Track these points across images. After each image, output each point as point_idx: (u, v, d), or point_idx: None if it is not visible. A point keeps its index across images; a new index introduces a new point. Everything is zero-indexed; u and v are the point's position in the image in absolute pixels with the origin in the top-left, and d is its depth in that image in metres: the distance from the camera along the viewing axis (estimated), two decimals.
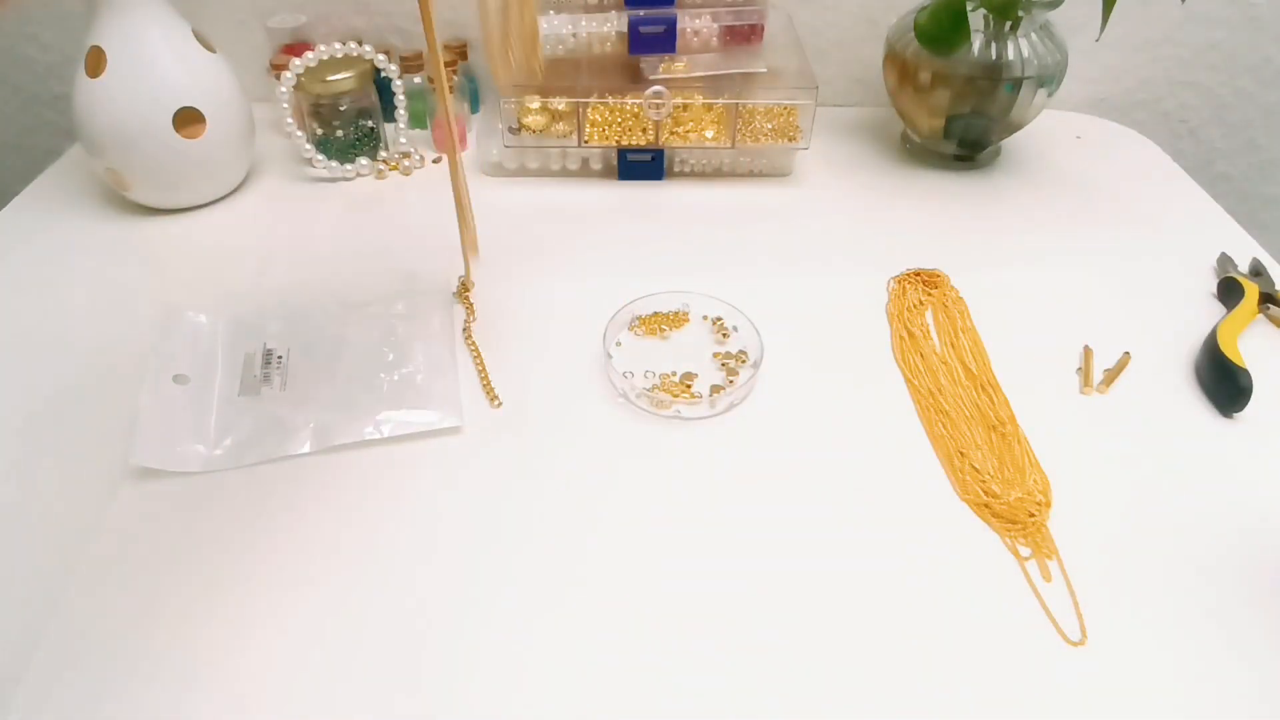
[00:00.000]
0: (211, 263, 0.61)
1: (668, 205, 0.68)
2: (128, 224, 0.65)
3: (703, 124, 0.68)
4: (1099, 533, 0.43)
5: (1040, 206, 0.69)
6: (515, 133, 0.68)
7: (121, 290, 0.58)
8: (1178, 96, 0.84)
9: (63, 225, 0.65)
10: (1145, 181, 0.73)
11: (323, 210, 0.67)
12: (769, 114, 0.68)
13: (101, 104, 0.59)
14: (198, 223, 0.65)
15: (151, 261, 0.61)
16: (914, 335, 0.55)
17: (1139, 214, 0.68)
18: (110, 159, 0.61)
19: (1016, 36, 0.66)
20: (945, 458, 0.47)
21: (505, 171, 0.71)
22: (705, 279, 0.58)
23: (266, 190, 0.69)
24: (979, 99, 0.67)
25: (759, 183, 0.71)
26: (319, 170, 0.70)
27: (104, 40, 0.59)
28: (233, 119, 0.64)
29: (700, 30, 0.68)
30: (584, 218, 0.66)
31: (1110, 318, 0.57)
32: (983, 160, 0.74)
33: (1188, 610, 0.40)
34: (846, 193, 0.70)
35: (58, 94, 0.84)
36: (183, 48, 0.61)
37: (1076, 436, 0.48)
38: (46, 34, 0.80)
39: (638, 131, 0.68)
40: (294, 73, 0.65)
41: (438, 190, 0.70)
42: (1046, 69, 0.66)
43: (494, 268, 0.60)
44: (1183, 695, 0.36)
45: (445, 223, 0.67)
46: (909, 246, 0.63)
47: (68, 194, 0.68)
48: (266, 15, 0.75)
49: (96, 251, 0.62)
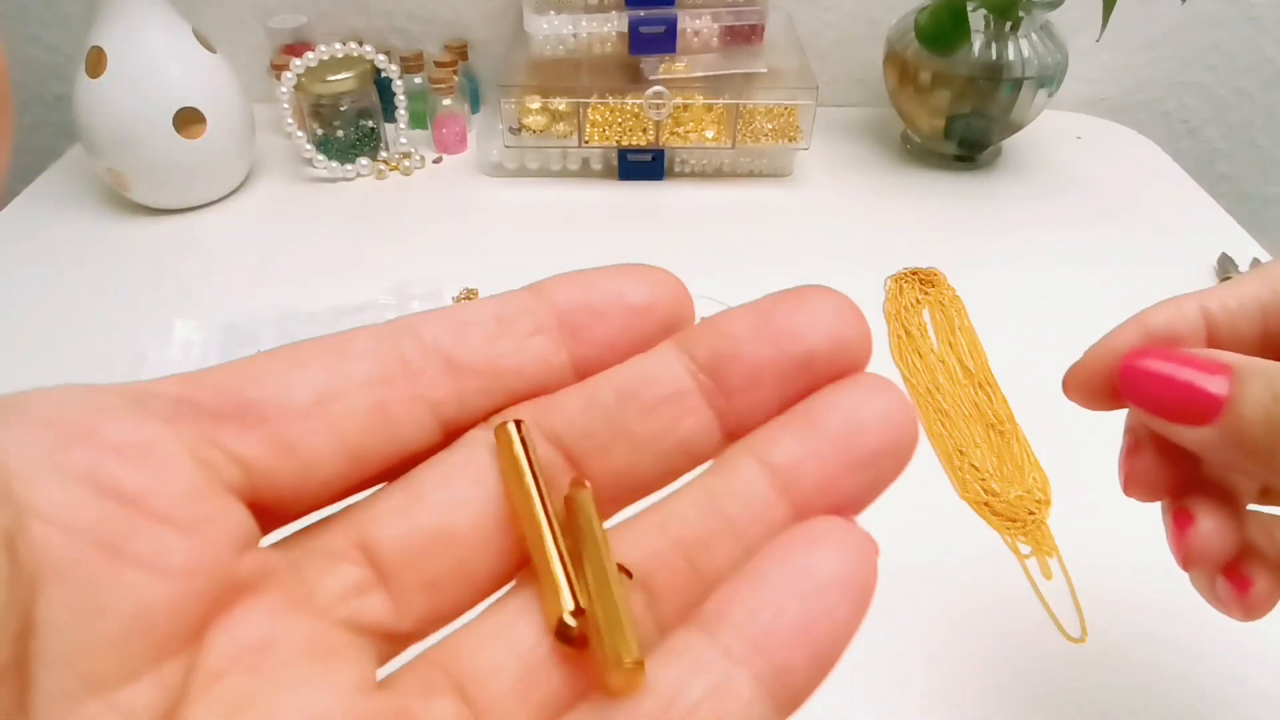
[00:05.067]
0: (211, 263, 0.61)
1: (668, 205, 0.68)
2: (128, 224, 0.65)
3: (703, 124, 0.68)
4: (1099, 530, 0.43)
5: (1040, 206, 0.69)
6: (515, 133, 0.68)
7: (121, 291, 0.58)
8: (1178, 96, 0.84)
9: (63, 225, 0.65)
10: (1145, 181, 0.73)
11: (323, 211, 0.67)
12: (769, 114, 0.68)
13: (102, 104, 0.59)
14: (198, 223, 0.65)
15: (151, 261, 0.61)
16: (911, 334, 0.55)
17: (1139, 214, 0.68)
18: (110, 159, 0.61)
19: (1017, 36, 0.66)
20: (944, 456, 0.47)
21: (505, 172, 0.71)
22: (705, 279, 0.57)
23: (266, 190, 0.69)
24: (979, 99, 0.67)
25: (759, 183, 0.71)
26: (319, 170, 0.70)
27: (104, 40, 0.59)
28: (233, 119, 0.64)
29: (700, 30, 0.68)
30: (584, 218, 0.66)
31: (1110, 317, 0.57)
32: (983, 160, 0.74)
33: (1188, 607, 0.40)
34: (846, 193, 0.70)
35: (58, 94, 0.84)
36: (183, 48, 0.61)
37: (1076, 434, 0.48)
38: (46, 34, 0.80)
39: (638, 132, 0.68)
40: (294, 73, 0.65)
41: (438, 191, 0.70)
42: (1046, 69, 0.66)
43: (493, 268, 0.60)
44: (1183, 693, 0.36)
45: (445, 223, 0.67)
46: (909, 246, 0.63)
47: (68, 194, 0.68)
48: (266, 15, 0.75)
49: (96, 251, 0.62)
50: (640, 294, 0.15)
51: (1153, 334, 0.22)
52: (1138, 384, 0.21)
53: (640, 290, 0.15)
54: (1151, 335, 0.22)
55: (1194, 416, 0.20)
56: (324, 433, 0.13)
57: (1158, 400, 0.21)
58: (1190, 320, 0.23)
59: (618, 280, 0.15)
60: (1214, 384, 0.19)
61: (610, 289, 0.15)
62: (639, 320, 0.15)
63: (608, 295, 0.15)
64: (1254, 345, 0.22)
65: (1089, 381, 0.24)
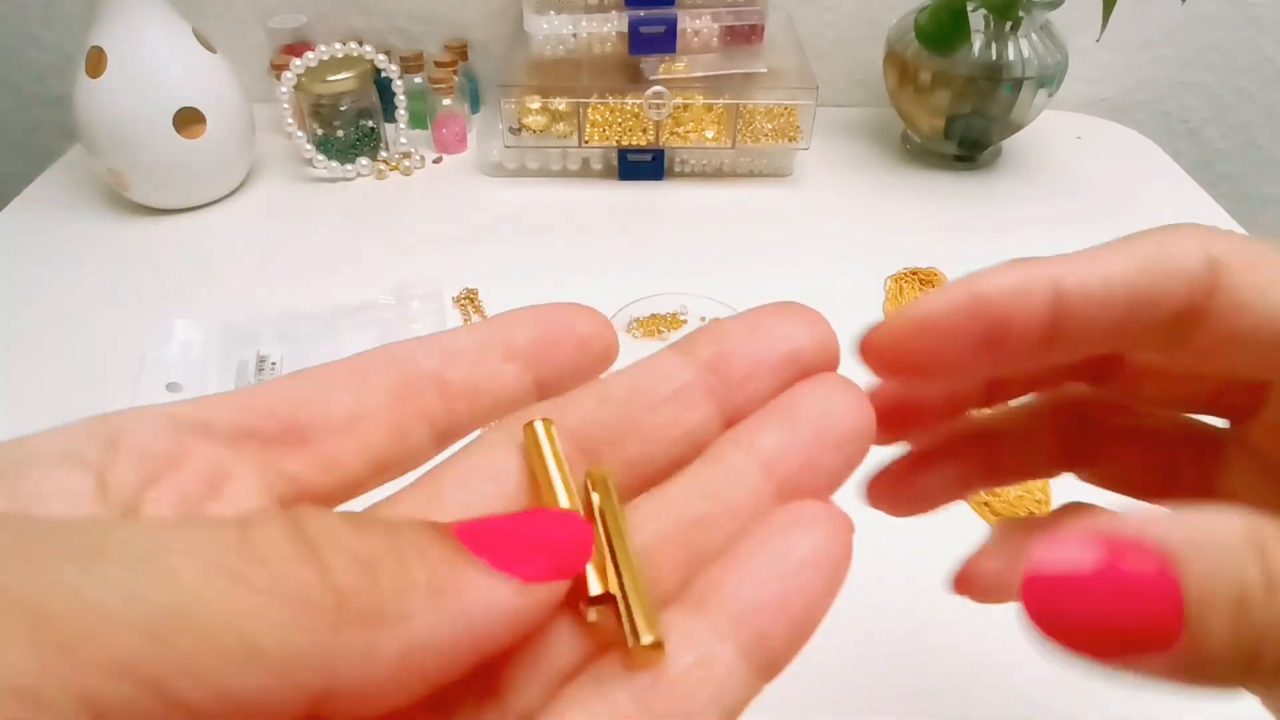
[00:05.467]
0: (211, 263, 0.61)
1: (668, 205, 0.68)
2: (128, 224, 0.65)
3: (703, 124, 0.68)
4: None
5: (1040, 206, 0.69)
6: (515, 133, 0.68)
7: (121, 291, 0.58)
8: (1178, 96, 0.84)
9: (63, 225, 0.65)
10: (1145, 181, 0.73)
11: (323, 211, 0.67)
12: (769, 114, 0.68)
13: (102, 104, 0.59)
14: (198, 223, 0.65)
15: (151, 261, 0.61)
16: None
17: (1139, 214, 0.68)
18: (110, 159, 0.61)
19: (1017, 37, 0.66)
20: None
21: (505, 172, 0.71)
22: (705, 279, 0.58)
23: (266, 190, 0.69)
24: (979, 99, 0.67)
25: (759, 183, 0.71)
26: (319, 170, 0.70)
27: (104, 40, 0.59)
28: (233, 119, 0.64)
29: (700, 30, 0.68)
30: (584, 218, 0.66)
31: None
32: (983, 160, 0.74)
33: None
34: (846, 193, 0.70)
35: (58, 94, 0.84)
36: (183, 48, 0.61)
37: None
38: (46, 34, 0.80)
39: (638, 132, 0.68)
40: (294, 73, 0.65)
41: (438, 191, 0.70)
42: (1046, 69, 0.66)
43: (493, 268, 0.60)
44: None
45: (445, 224, 0.67)
46: (909, 246, 0.63)
47: (68, 194, 0.68)
48: (266, 15, 0.75)
49: (96, 251, 0.62)
50: (587, 328, 0.17)
51: (980, 301, 0.17)
52: (1053, 609, 0.14)
53: (588, 325, 0.17)
54: (977, 301, 0.17)
55: (1140, 645, 0.14)
56: (356, 449, 0.15)
57: (1092, 633, 0.14)
58: (1036, 300, 0.16)
59: (568, 315, 0.17)
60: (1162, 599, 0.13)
61: (562, 322, 0.17)
62: (585, 350, 0.17)
63: (560, 327, 0.17)
64: (1105, 336, 0.17)
65: (889, 349, 0.18)
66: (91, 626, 0.09)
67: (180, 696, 0.09)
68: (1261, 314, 0.16)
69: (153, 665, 0.09)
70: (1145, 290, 0.16)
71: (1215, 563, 0.13)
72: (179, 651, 0.09)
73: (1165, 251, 0.17)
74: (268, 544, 0.10)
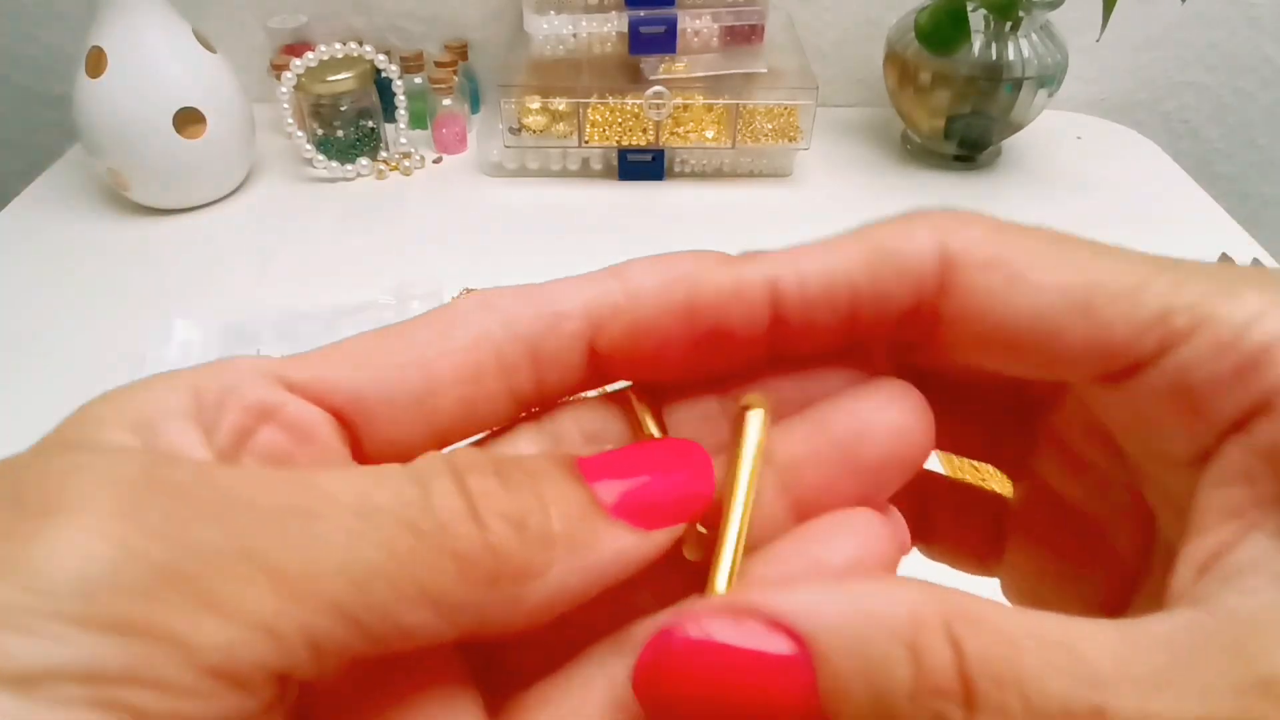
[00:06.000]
0: (211, 263, 0.61)
1: (668, 205, 0.68)
2: (128, 224, 0.65)
3: (703, 124, 0.68)
4: None
5: (1040, 206, 0.69)
6: (515, 133, 0.68)
7: (121, 291, 0.58)
8: (1178, 96, 0.84)
9: (63, 225, 0.65)
10: (1145, 181, 0.73)
11: (323, 211, 0.67)
12: (769, 114, 0.68)
13: (102, 104, 0.59)
14: (198, 223, 0.65)
15: (151, 262, 0.61)
16: None
17: (1139, 214, 0.68)
18: (111, 159, 0.61)
19: (1017, 36, 0.66)
20: (944, 455, 0.47)
21: (505, 172, 0.71)
22: None
23: (266, 190, 0.69)
24: (979, 99, 0.67)
25: (759, 183, 0.71)
26: (319, 170, 0.70)
27: (104, 40, 0.59)
28: (233, 119, 0.64)
29: (700, 30, 0.68)
30: (584, 218, 0.66)
31: None
32: (983, 160, 0.74)
33: None
34: (846, 193, 0.70)
35: (58, 94, 0.84)
36: (183, 48, 0.61)
37: None
38: (46, 34, 0.80)
39: (638, 132, 0.68)
40: (294, 73, 0.65)
41: (438, 191, 0.70)
42: (1046, 69, 0.66)
43: (493, 268, 0.60)
44: None
45: (445, 223, 0.67)
46: None
47: (68, 194, 0.68)
48: (266, 15, 0.75)
49: (96, 251, 0.62)
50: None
51: (695, 305, 0.15)
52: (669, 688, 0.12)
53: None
54: (693, 305, 0.15)
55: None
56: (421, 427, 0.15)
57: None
58: (751, 302, 0.15)
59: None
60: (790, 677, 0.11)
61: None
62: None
63: None
64: (838, 333, 0.15)
65: (614, 352, 0.16)
66: (315, 578, 0.11)
67: (370, 629, 0.12)
68: (993, 320, 0.14)
69: (355, 606, 0.11)
70: (868, 289, 0.15)
71: (858, 657, 0.11)
72: (375, 595, 0.11)
73: (895, 246, 0.15)
74: (441, 501, 0.12)
